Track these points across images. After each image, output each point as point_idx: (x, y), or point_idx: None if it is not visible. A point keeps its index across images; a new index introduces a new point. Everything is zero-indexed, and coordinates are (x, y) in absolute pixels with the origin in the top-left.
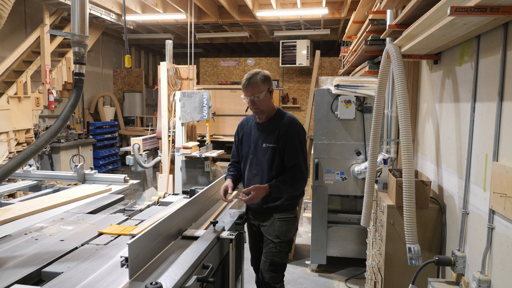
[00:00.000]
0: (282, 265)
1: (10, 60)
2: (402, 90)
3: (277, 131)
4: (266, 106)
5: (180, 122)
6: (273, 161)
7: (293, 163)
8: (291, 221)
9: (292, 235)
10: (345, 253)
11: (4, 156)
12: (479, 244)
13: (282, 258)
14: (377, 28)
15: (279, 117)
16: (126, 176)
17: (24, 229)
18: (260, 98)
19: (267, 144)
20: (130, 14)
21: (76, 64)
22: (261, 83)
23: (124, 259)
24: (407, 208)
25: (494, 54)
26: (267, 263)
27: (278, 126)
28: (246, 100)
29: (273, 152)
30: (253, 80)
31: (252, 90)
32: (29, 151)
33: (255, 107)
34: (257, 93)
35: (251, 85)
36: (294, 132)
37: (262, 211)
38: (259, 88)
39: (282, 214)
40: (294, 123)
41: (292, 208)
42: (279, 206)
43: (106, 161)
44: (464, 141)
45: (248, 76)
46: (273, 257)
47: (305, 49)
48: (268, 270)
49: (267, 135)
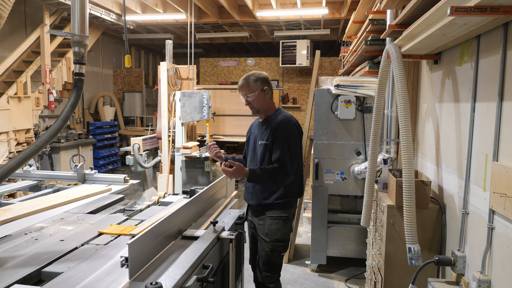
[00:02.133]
0: (276, 265)
1: (10, 60)
2: (402, 90)
3: (270, 129)
4: (261, 106)
5: (180, 122)
6: (264, 157)
7: (276, 157)
8: (282, 220)
9: (284, 235)
10: (345, 253)
11: (4, 156)
12: (479, 244)
13: (275, 257)
14: (377, 28)
15: (276, 116)
16: (126, 176)
17: (24, 229)
18: (253, 98)
19: (261, 141)
20: (130, 14)
21: (76, 64)
22: (253, 84)
23: (124, 259)
24: (407, 208)
25: (494, 54)
26: (261, 262)
27: (272, 125)
28: (243, 100)
29: (264, 148)
30: (245, 81)
31: (244, 90)
32: (29, 151)
33: (250, 106)
34: (249, 93)
35: (243, 85)
36: (283, 129)
37: (257, 208)
38: (251, 89)
39: (273, 212)
40: (286, 121)
41: (284, 207)
42: (270, 204)
43: (106, 161)
44: (464, 141)
45: (243, 77)
46: (265, 256)
47: (305, 49)
48: (262, 269)
49: (263, 133)
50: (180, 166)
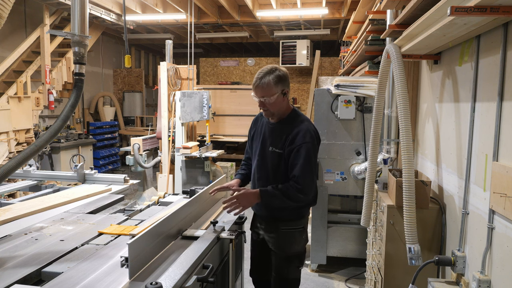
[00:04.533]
0: (293, 280)
1: (10, 60)
2: (402, 90)
3: (285, 136)
4: (277, 109)
5: (180, 122)
6: (278, 168)
7: (293, 174)
8: (298, 232)
9: (300, 247)
10: (345, 253)
11: (4, 156)
12: (479, 244)
13: (292, 272)
14: (377, 28)
15: (292, 120)
16: (126, 176)
17: (24, 229)
18: (271, 102)
19: (273, 148)
20: (130, 14)
21: (76, 64)
22: (273, 85)
23: (124, 259)
24: (407, 208)
25: (494, 54)
26: (277, 279)
27: (288, 131)
28: (256, 99)
29: (278, 158)
30: (264, 81)
31: (262, 92)
32: (29, 151)
33: (264, 109)
34: (268, 96)
35: (262, 86)
36: (303, 142)
37: (268, 220)
38: (270, 91)
39: (287, 224)
40: (306, 132)
41: (299, 218)
42: (282, 215)
43: (106, 161)
44: (464, 141)
45: (260, 74)
46: (281, 273)
47: (305, 49)
48: (280, 286)
49: (275, 138)
50: (180, 166)
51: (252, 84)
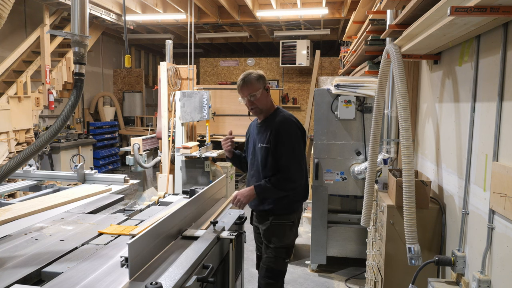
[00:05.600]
0: (279, 271)
1: (10, 60)
2: (402, 90)
3: (269, 130)
4: (264, 105)
5: (180, 122)
6: (266, 162)
7: (280, 164)
8: (287, 226)
9: (289, 241)
10: (345, 253)
11: (4, 156)
12: (479, 244)
13: (278, 264)
14: (377, 28)
15: (275, 116)
16: (126, 176)
17: (24, 229)
18: (257, 97)
19: (261, 144)
20: (130, 14)
21: (76, 64)
22: (255, 81)
23: (124, 259)
24: (407, 208)
25: (494, 54)
26: (263, 269)
27: (272, 126)
28: (244, 101)
29: (266, 152)
30: (247, 80)
31: (248, 89)
32: (29, 151)
33: (253, 106)
34: (253, 92)
35: (246, 84)
36: (285, 132)
37: (260, 213)
38: (254, 87)
39: (277, 217)
40: (286, 121)
41: (289, 213)
42: (273, 209)
43: (106, 161)
44: (464, 141)
45: (242, 76)
46: (268, 263)
47: (305, 49)
48: (264, 276)
49: (262, 135)
50: (180, 166)
51: (237, 87)
